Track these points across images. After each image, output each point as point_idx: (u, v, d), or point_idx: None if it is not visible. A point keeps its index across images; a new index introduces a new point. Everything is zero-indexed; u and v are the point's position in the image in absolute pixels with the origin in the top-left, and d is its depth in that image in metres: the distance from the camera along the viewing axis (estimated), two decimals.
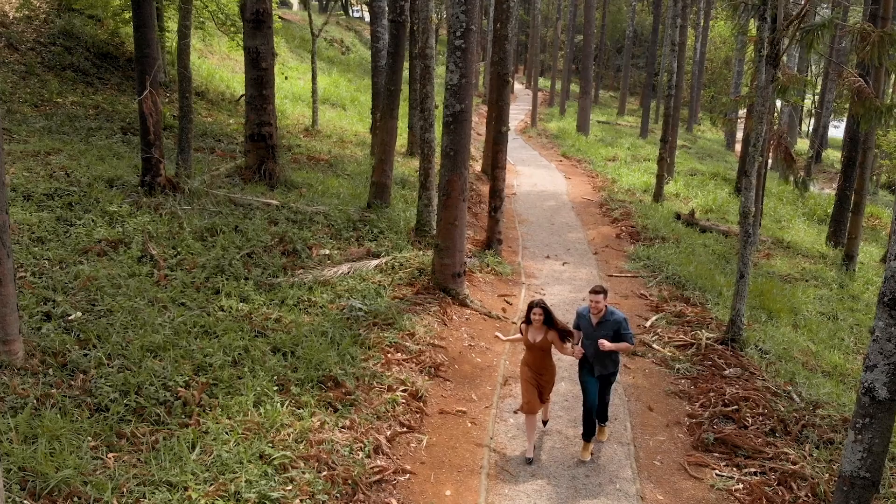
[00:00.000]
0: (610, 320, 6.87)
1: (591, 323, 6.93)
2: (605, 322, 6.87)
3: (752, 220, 9.75)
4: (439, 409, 7.72)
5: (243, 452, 5.75)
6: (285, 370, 7.18)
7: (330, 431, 6.42)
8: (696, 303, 11.77)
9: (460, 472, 6.68)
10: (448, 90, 10.20)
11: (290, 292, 9.06)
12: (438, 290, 10.42)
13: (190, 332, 7.41)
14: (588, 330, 6.95)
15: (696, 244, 15.41)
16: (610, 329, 6.85)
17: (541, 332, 6.90)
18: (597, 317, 6.90)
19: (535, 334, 6.93)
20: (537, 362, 6.99)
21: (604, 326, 6.86)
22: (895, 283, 4.61)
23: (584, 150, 28.32)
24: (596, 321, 6.90)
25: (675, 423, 8.04)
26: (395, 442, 6.78)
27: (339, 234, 11.74)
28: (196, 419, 6.09)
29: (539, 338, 6.90)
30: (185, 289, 8.43)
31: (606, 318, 6.88)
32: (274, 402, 6.54)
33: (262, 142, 13.26)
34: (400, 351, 8.45)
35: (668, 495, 6.67)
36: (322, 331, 8.17)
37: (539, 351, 6.95)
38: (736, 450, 7.44)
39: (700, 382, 8.91)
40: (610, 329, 6.85)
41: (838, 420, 8.06)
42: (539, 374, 6.99)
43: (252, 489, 5.35)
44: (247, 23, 12.85)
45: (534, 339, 6.92)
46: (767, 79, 9.48)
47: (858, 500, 4.88)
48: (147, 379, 6.38)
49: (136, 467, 5.41)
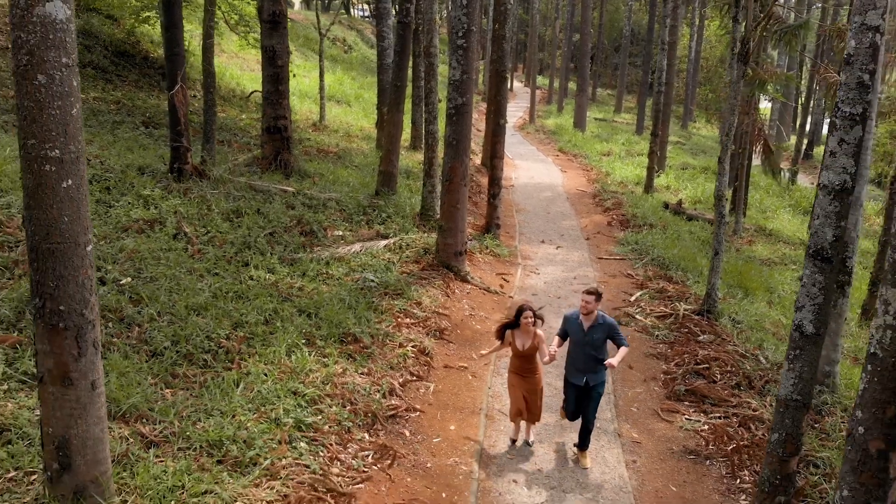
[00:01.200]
0: (602, 324, 6.69)
1: (581, 328, 6.70)
2: (597, 326, 6.68)
3: (724, 202, 10.81)
4: (444, 363, 8.78)
5: (279, 389, 6.80)
6: (310, 328, 8.24)
7: (351, 376, 7.48)
8: (677, 281, 12.82)
9: (462, 413, 7.74)
10: (451, 85, 11.25)
11: (310, 266, 10.12)
12: (442, 266, 11.47)
13: (226, 296, 8.47)
14: (578, 335, 6.73)
15: (682, 231, 16.46)
16: (602, 333, 6.67)
17: (529, 336, 6.76)
18: (588, 320, 6.69)
19: (524, 340, 6.77)
20: (524, 367, 6.85)
21: (595, 331, 6.67)
22: (818, 239, 5.66)
23: (580, 146, 29.36)
24: (588, 325, 6.69)
25: (652, 378, 9.10)
26: (406, 387, 7.84)
27: (351, 217, 12.79)
28: (238, 364, 7.15)
29: (528, 343, 6.76)
30: (217, 261, 9.48)
31: (598, 322, 6.70)
32: (302, 352, 7.60)
33: (277, 134, 14.29)
34: (408, 316, 9.51)
35: (641, 433, 7.72)
36: (340, 298, 9.22)
37: (527, 356, 6.81)
38: (704, 399, 8.50)
39: (676, 346, 9.97)
40: (602, 333, 6.67)
41: None
42: (526, 380, 6.88)
43: (289, 416, 6.41)
44: (264, 23, 13.89)
45: (523, 346, 6.77)
46: (739, 74, 10.53)
47: (792, 418, 5.92)
48: (193, 332, 7.43)
49: (190, 400, 6.46)
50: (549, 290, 12.17)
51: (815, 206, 5.74)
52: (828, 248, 5.59)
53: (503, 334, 6.93)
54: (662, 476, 6.97)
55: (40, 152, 4.18)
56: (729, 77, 10.62)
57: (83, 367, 4.52)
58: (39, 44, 4.07)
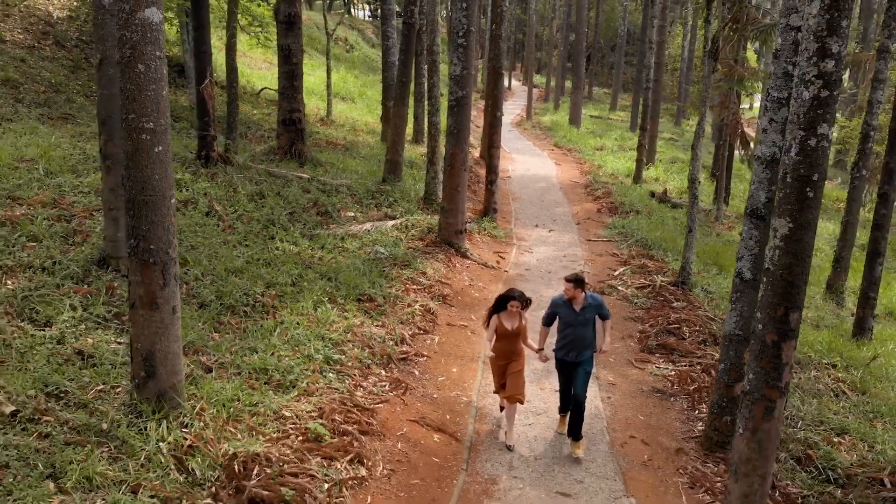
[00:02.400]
0: (593, 304, 7.05)
1: (573, 310, 6.98)
2: (588, 306, 7.01)
3: (697, 185, 12.06)
4: (447, 322, 10.03)
5: (309, 334, 8.04)
6: (331, 289, 9.48)
7: (368, 327, 8.73)
8: (658, 259, 14.08)
9: (463, 360, 8.99)
10: (452, 80, 12.49)
11: (328, 240, 11.37)
12: (444, 243, 12.71)
13: (257, 262, 9.71)
14: (571, 317, 6.99)
15: (666, 217, 17.71)
16: (593, 312, 7.05)
17: (516, 318, 7.05)
18: (578, 303, 6.99)
19: (511, 321, 7.04)
20: (508, 349, 7.10)
21: (587, 310, 7.00)
22: (754, 201, 6.91)
23: (574, 141, 30.60)
24: (580, 307, 6.99)
25: (629, 336, 10.36)
26: (414, 338, 9.09)
27: (361, 201, 14.04)
28: (273, 314, 8.39)
29: (516, 324, 7.04)
30: (246, 235, 10.72)
31: (589, 302, 7.03)
32: (326, 307, 8.85)
33: (292, 125, 15.53)
34: (415, 283, 10.76)
35: (617, 378, 8.97)
36: (355, 266, 10.47)
37: (513, 337, 7.07)
38: (673, 352, 9.76)
39: (652, 311, 11.22)
40: (593, 312, 7.05)
41: None
42: (511, 361, 7.10)
43: (319, 353, 7.65)
44: (280, 24, 15.12)
45: (512, 326, 7.03)
46: (709, 69, 11.78)
47: (735, 350, 7.17)
48: (233, 289, 8.67)
49: (236, 340, 7.70)
50: (541, 267, 13.42)
51: (753, 174, 6.99)
52: (761, 209, 6.84)
53: (490, 320, 7.17)
54: (632, 409, 8.22)
55: (138, 124, 5.42)
56: (702, 72, 11.84)
57: (167, 294, 5.76)
58: (140, 40, 5.31)
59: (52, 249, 8.46)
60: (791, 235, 4.56)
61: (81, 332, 7.06)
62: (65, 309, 7.29)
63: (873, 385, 9.74)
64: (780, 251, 4.61)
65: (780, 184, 4.57)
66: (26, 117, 14.59)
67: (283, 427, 6.23)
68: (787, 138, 4.47)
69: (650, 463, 7.12)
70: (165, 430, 5.64)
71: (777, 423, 4.91)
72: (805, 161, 4.45)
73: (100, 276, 8.10)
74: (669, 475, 6.94)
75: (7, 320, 6.89)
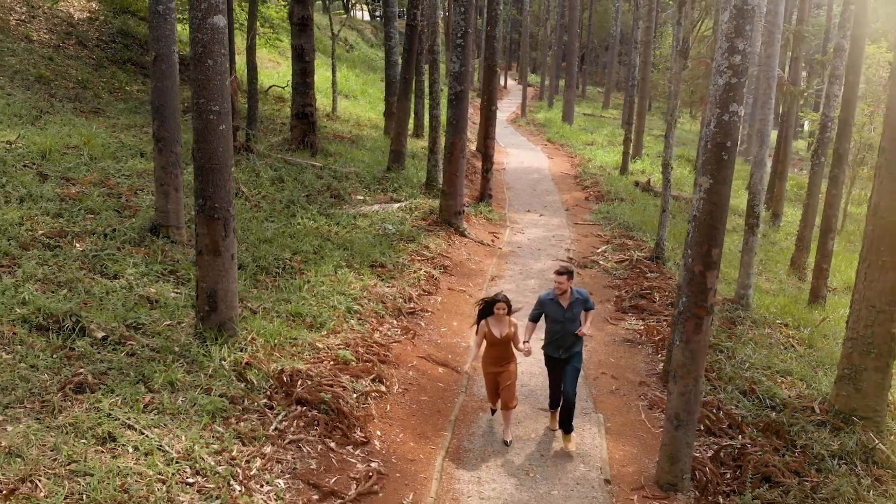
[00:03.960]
0: (580, 298, 7.05)
1: (561, 307, 6.95)
2: (576, 301, 7.00)
3: (670, 169, 13.53)
4: (448, 287, 11.50)
5: (332, 291, 9.49)
6: (348, 257, 10.94)
7: (381, 287, 10.19)
8: (637, 239, 15.56)
9: (461, 316, 10.45)
10: (451, 76, 13.95)
11: (342, 218, 12.82)
12: (444, 223, 14.17)
13: (283, 234, 11.15)
14: (559, 313, 6.94)
15: (648, 204, 19.19)
16: (580, 307, 7.04)
17: (505, 324, 6.89)
18: (565, 298, 6.97)
19: (500, 328, 6.88)
20: (499, 356, 6.96)
21: (575, 305, 6.98)
22: None
23: (566, 137, 32.09)
24: (567, 303, 6.96)
25: (607, 300, 11.83)
26: (420, 298, 10.55)
27: (369, 186, 15.49)
28: (300, 275, 9.84)
29: (505, 331, 6.87)
30: (271, 213, 12.16)
31: (575, 297, 7.02)
32: (345, 270, 10.30)
33: (305, 119, 16.97)
34: (420, 255, 12.22)
35: (594, 332, 10.41)
36: (367, 240, 11.93)
37: (503, 344, 6.93)
38: (643, 311, 11.23)
39: (628, 280, 12.69)
40: (580, 307, 7.04)
41: (720, 300, 11.84)
42: (503, 368, 6.99)
43: (341, 304, 9.10)
44: (294, 25, 16.56)
45: (501, 334, 6.87)
46: (680, 66, 13.25)
47: None
48: (265, 254, 10.12)
49: (272, 293, 9.14)
50: (532, 245, 14.89)
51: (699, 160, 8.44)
52: None
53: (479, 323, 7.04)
54: (605, 353, 9.69)
55: (207, 107, 6.86)
56: (673, 69, 13.31)
57: (227, 244, 7.21)
58: (209, 41, 6.75)
59: (109, 220, 9.90)
60: (711, 189, 6.03)
61: (145, 283, 8.51)
62: (129, 265, 8.74)
63: (820, 341, 11.22)
64: (704, 201, 6.07)
65: (702, 150, 6.04)
66: (61, 111, 16.00)
67: (317, 354, 7.69)
68: (707, 115, 5.93)
69: (617, 391, 8.59)
70: (226, 352, 7.10)
71: (705, 336, 6.38)
72: (721, 131, 5.91)
73: (153, 241, 9.55)
74: (633, 400, 8.41)
75: (84, 273, 8.33)
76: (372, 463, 6.37)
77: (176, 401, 6.20)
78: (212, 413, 6.14)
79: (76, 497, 4.89)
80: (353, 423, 6.68)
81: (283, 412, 6.49)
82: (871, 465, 7.57)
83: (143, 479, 5.16)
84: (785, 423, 8.09)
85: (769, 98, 11.47)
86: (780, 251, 17.85)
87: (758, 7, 6.07)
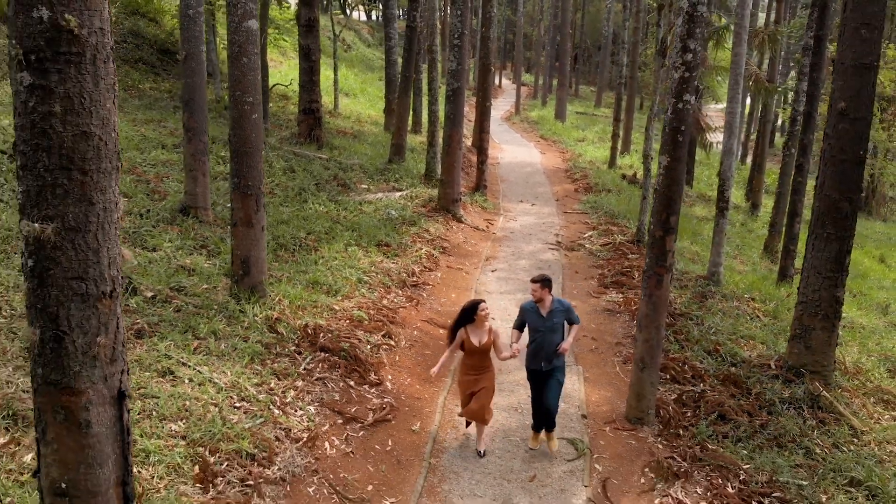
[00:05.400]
0: (560, 308, 6.83)
1: (541, 315, 6.75)
2: (556, 311, 6.79)
3: (650, 160, 14.73)
4: (446, 265, 12.67)
5: (344, 265, 10.65)
6: (356, 237, 12.10)
7: (386, 263, 11.35)
8: (621, 225, 16.74)
9: (459, 289, 11.62)
10: (449, 74, 15.12)
11: (349, 204, 13.98)
12: (443, 210, 15.34)
13: (297, 217, 12.30)
14: (539, 322, 6.74)
15: (633, 195, 20.36)
16: (562, 317, 6.82)
17: (485, 332, 6.56)
18: (545, 306, 6.76)
19: (479, 335, 6.54)
20: (477, 364, 6.62)
21: (555, 314, 6.78)
22: None
23: (559, 133, 33.32)
24: (546, 311, 6.75)
25: (591, 277, 13.01)
26: (422, 273, 11.71)
27: (372, 177, 16.66)
28: (315, 251, 11.00)
29: (485, 339, 6.55)
30: (285, 199, 13.31)
31: (556, 306, 6.80)
32: (354, 248, 11.46)
33: (311, 115, 18.11)
34: (420, 237, 13.39)
35: (579, 303, 11.60)
36: (373, 223, 13.09)
37: (481, 353, 6.59)
38: (623, 286, 12.40)
39: (611, 261, 13.88)
40: (562, 317, 6.82)
41: (694, 277, 13.04)
42: (480, 378, 6.63)
43: (353, 276, 10.26)
44: (301, 27, 17.69)
45: (479, 342, 6.52)
46: (658, 65, 14.44)
47: None
48: (283, 233, 11.26)
49: (291, 265, 10.29)
50: (523, 231, 16.07)
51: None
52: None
53: (454, 335, 6.64)
54: (587, 321, 10.86)
55: (243, 99, 8.01)
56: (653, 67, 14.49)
57: (258, 217, 8.36)
58: (244, 41, 7.90)
59: (143, 202, 11.04)
60: (669, 166, 7.21)
61: (181, 255, 9.65)
62: (165, 240, 9.89)
63: (784, 314, 12.41)
64: (663, 176, 7.26)
65: (662, 133, 7.22)
66: None
67: (334, 315, 8.85)
68: (665, 104, 7.11)
69: (596, 350, 9.78)
70: (258, 309, 8.25)
71: (665, 291, 7.57)
72: (676, 118, 7.09)
73: (184, 220, 10.69)
74: (609, 357, 9.60)
75: (127, 246, 9.48)
76: (385, 398, 7.54)
77: (220, 346, 7.35)
78: (250, 355, 7.29)
79: (147, 412, 6.03)
80: (368, 368, 7.84)
81: (310, 357, 7.65)
82: (816, 410, 8.74)
83: (199, 402, 6.32)
84: (742, 375, 9.29)
85: (736, 93, 12.67)
86: (757, 238, 19.08)
87: (706, 13, 7.24)
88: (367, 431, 6.91)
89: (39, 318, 3.00)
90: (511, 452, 7.01)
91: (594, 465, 6.98)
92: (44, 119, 2.81)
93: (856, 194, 9.10)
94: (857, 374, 9.84)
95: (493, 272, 12.76)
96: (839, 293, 9.32)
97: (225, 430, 5.98)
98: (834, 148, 9.06)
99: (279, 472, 5.81)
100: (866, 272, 17.93)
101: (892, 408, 9.25)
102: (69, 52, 2.78)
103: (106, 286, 3.07)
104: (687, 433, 7.71)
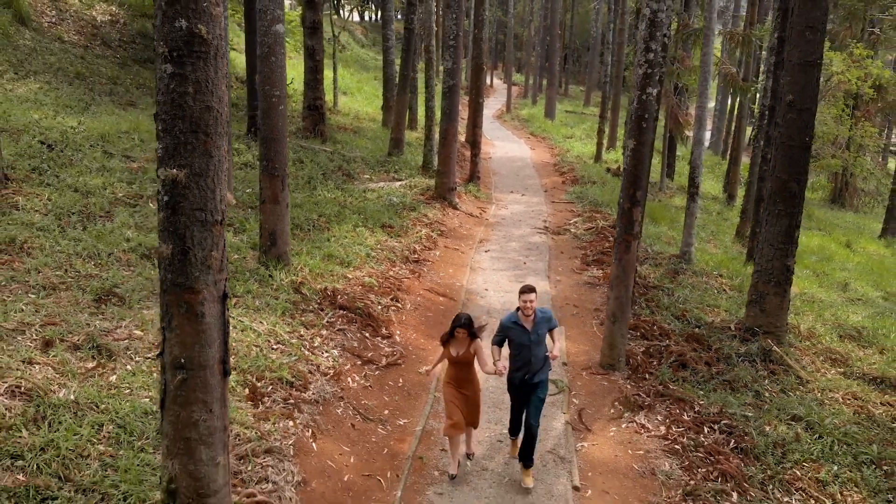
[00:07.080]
0: (543, 318, 6.56)
1: (525, 329, 6.46)
2: (539, 322, 6.52)
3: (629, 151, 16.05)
4: (444, 245, 13.99)
5: (352, 242, 11.94)
6: (362, 219, 13.39)
7: (391, 242, 12.65)
8: (604, 213, 18.10)
9: (456, 266, 12.94)
10: (445, 72, 16.44)
11: (354, 192, 15.27)
12: (440, 198, 16.65)
13: (308, 202, 13.58)
14: (524, 337, 6.45)
15: (617, 186, 21.69)
16: (545, 328, 6.56)
17: (464, 345, 6.57)
18: (529, 321, 6.48)
19: (458, 348, 6.59)
20: (459, 376, 6.66)
21: (539, 326, 6.51)
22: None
23: (548, 131, 34.70)
24: (531, 325, 6.47)
25: (575, 257, 14.35)
26: (423, 251, 13.02)
27: (373, 168, 17.95)
28: (326, 230, 12.28)
29: (462, 350, 6.57)
30: (296, 186, 14.58)
31: (539, 317, 6.53)
32: (361, 229, 12.75)
33: (315, 111, 19.38)
34: (420, 221, 14.69)
35: (563, 278, 12.95)
36: (376, 208, 14.39)
37: (463, 364, 6.62)
38: (603, 264, 13.74)
39: (594, 243, 15.23)
40: (545, 328, 6.56)
41: (668, 256, 14.40)
42: (463, 389, 6.68)
43: (362, 251, 11.56)
44: (306, 28, 18.95)
45: (457, 353, 6.59)
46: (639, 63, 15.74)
47: None
48: (297, 215, 12.53)
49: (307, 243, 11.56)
50: (514, 217, 17.41)
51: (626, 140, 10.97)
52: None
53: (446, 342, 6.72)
54: (570, 292, 12.20)
55: (271, 92, 9.28)
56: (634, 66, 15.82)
57: (284, 195, 9.64)
58: (273, 43, 9.18)
59: None
60: (635, 148, 8.54)
61: None
62: None
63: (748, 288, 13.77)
64: (630, 157, 8.59)
65: (628, 120, 8.55)
66: (102, 103, 18.30)
67: (349, 282, 10.14)
68: (630, 96, 8.44)
69: (577, 315, 11.11)
70: (284, 275, 9.53)
71: (633, 256, 8.90)
72: (640, 107, 8.42)
73: None
74: (588, 320, 10.93)
75: None
76: (395, 348, 8.85)
77: (255, 302, 8.63)
78: (282, 310, 8.58)
79: None
80: (380, 324, 9.15)
81: (331, 313, 8.94)
82: (768, 363, 10.06)
83: (243, 343, 7.59)
84: (705, 335, 10.64)
85: (706, 89, 14.04)
86: (731, 226, 20.48)
87: (665, 18, 8.58)
88: (382, 372, 8.22)
89: (171, 238, 4.28)
90: (502, 389, 8.31)
91: (572, 399, 8.31)
92: (180, 97, 4.09)
93: (803, 176, 10.44)
94: (810, 338, 11.15)
95: (486, 252, 14.08)
96: (790, 262, 10.67)
97: (267, 363, 7.26)
98: (783, 135, 10.41)
99: (313, 395, 7.10)
100: (832, 255, 19.35)
101: (839, 365, 10.59)
102: (199, 50, 4.06)
103: (218, 216, 4.34)
104: (652, 377, 9.04)
